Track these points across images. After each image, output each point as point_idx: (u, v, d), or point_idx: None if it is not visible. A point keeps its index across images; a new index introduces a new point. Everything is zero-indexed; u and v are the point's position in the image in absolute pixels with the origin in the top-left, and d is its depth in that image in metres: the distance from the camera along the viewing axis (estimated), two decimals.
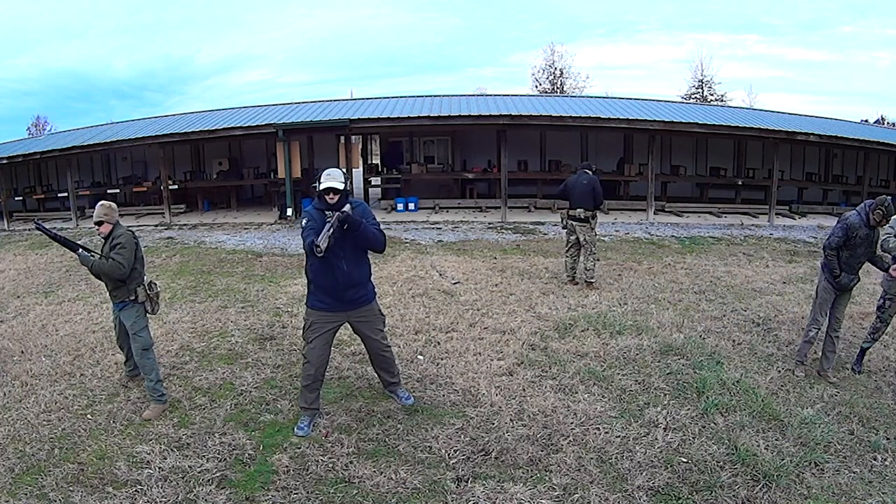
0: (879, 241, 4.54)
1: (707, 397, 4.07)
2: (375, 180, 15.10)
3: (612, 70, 54.78)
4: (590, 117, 12.54)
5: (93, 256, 3.92)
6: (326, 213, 3.44)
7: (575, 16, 58.57)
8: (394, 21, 66.49)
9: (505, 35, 62.64)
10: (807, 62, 51.22)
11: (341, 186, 3.40)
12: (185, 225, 12.58)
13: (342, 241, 3.45)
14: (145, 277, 4.09)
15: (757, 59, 49.99)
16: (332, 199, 3.41)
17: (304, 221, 3.54)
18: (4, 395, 4.22)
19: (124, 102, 64.02)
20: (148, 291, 4.04)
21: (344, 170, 3.73)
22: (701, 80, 35.23)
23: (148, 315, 4.09)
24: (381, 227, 3.71)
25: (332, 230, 3.26)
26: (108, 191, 14.46)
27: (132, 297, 3.98)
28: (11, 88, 56.38)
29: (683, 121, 12.60)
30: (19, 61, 57.71)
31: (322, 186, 3.40)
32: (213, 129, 13.04)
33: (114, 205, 4.05)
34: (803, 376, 4.53)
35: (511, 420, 3.79)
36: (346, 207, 3.43)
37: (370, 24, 67.57)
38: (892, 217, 4.62)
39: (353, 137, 15.51)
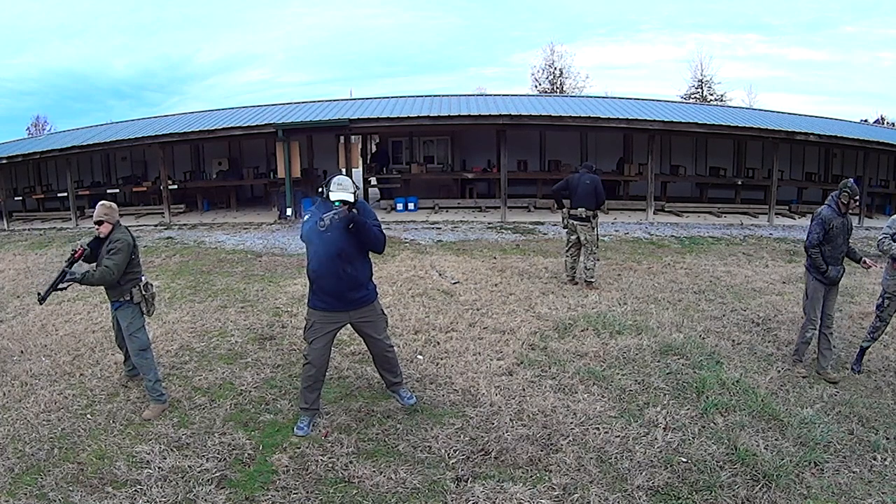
0: (877, 242, 4.57)
1: (707, 397, 4.08)
2: (374, 180, 15.10)
3: (613, 70, 54.88)
4: (589, 117, 12.54)
5: (74, 274, 3.78)
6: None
7: (577, 15, 58.57)
8: (394, 21, 66.52)
9: (506, 34, 62.66)
10: (808, 62, 51.26)
11: (352, 199, 3.41)
12: (184, 225, 12.57)
13: (345, 240, 3.47)
14: (142, 278, 4.09)
15: (758, 59, 50.04)
16: (341, 207, 3.41)
17: (306, 216, 3.58)
18: (4, 395, 4.22)
19: (123, 102, 63.97)
20: (143, 292, 4.03)
21: (352, 178, 3.75)
22: (700, 80, 35.29)
23: (144, 316, 4.09)
24: (381, 226, 3.72)
25: (335, 217, 3.29)
26: (108, 191, 14.43)
27: (127, 298, 3.97)
28: (10, 88, 56.38)
29: (683, 121, 12.60)
30: (18, 61, 57.70)
31: (333, 198, 3.41)
32: (213, 129, 13.02)
33: (114, 205, 4.04)
34: (804, 373, 4.55)
35: (511, 420, 3.79)
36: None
37: (370, 24, 67.57)
38: (892, 217, 4.66)
39: (352, 137, 15.50)
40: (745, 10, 54.78)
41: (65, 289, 3.88)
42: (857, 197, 4.54)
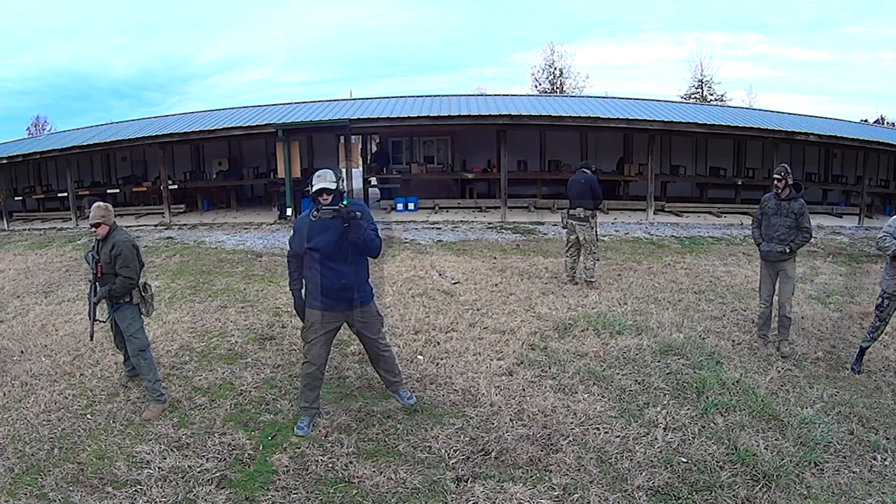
0: (876, 240, 4.59)
1: (707, 397, 4.08)
2: (374, 180, 15.11)
3: (613, 70, 54.92)
4: (589, 117, 12.54)
5: (97, 293, 3.97)
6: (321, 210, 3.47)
7: (577, 15, 58.57)
8: (394, 21, 66.58)
9: (506, 34, 62.67)
10: (808, 62, 51.25)
11: (333, 186, 3.42)
12: (184, 225, 12.57)
13: (342, 242, 3.47)
14: (140, 279, 4.09)
15: (758, 59, 50.06)
16: (326, 199, 3.43)
17: (292, 234, 3.63)
18: (4, 395, 4.22)
19: (123, 102, 64.02)
20: (142, 293, 4.03)
21: (338, 170, 3.79)
22: (700, 80, 35.29)
23: (143, 316, 4.09)
24: (381, 227, 3.72)
25: (329, 209, 3.36)
26: (108, 191, 14.46)
27: (127, 299, 3.97)
28: (10, 88, 56.40)
29: (683, 121, 12.61)
30: (18, 60, 57.72)
31: (314, 188, 3.43)
32: (213, 129, 13.03)
33: (109, 206, 4.04)
34: (762, 346, 5.08)
35: (511, 420, 3.79)
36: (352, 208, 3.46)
37: (370, 24, 67.62)
38: (893, 217, 4.68)
39: (352, 137, 15.50)
40: (746, 9, 54.87)
41: (104, 321, 4.17)
42: (779, 175, 4.90)
